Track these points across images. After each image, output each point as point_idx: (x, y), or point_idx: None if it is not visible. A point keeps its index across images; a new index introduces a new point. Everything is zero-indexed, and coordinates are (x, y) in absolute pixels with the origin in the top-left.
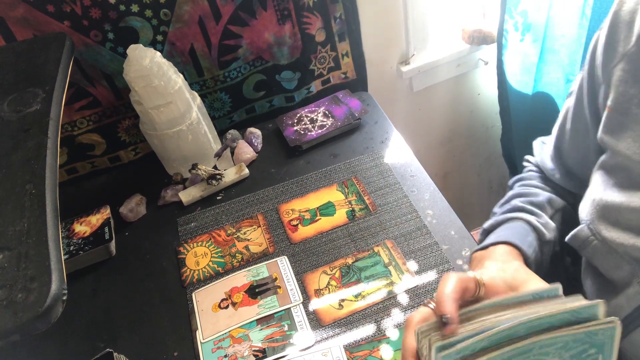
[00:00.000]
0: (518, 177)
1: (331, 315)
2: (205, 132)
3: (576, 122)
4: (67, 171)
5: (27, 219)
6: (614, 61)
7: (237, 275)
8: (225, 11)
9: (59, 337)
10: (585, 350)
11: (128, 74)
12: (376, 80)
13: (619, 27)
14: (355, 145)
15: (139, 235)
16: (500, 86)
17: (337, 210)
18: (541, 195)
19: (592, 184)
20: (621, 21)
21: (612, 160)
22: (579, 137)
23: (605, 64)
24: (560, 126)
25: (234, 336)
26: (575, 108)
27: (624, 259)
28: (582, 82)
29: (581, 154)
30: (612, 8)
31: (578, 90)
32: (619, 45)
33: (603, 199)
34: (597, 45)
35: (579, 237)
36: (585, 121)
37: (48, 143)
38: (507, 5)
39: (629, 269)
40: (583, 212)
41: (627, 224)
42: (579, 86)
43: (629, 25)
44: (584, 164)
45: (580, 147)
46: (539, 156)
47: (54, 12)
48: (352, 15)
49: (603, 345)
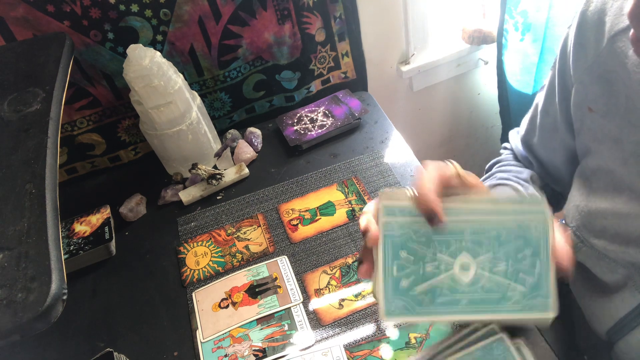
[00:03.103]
0: (497, 160)
1: (331, 314)
2: (205, 132)
3: (545, 117)
4: (67, 171)
5: (27, 219)
6: (587, 62)
7: (237, 275)
8: (225, 11)
9: (59, 337)
10: (521, 250)
11: (128, 73)
12: (376, 80)
13: (587, 27)
14: (355, 145)
15: (139, 235)
16: (500, 86)
17: (337, 210)
18: (524, 172)
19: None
20: (589, 21)
21: (592, 164)
22: (546, 133)
23: (576, 64)
24: (531, 120)
25: (234, 336)
26: (545, 104)
27: (618, 263)
28: (552, 79)
29: (549, 150)
30: (580, 7)
31: (549, 86)
32: (590, 46)
33: (588, 205)
34: (567, 44)
35: None
36: (555, 118)
37: (48, 143)
38: (507, 5)
39: (623, 272)
40: (568, 217)
41: (614, 230)
42: (549, 82)
43: (597, 25)
44: (553, 159)
45: (548, 143)
46: (514, 145)
47: (54, 12)
48: (352, 15)
49: (539, 245)
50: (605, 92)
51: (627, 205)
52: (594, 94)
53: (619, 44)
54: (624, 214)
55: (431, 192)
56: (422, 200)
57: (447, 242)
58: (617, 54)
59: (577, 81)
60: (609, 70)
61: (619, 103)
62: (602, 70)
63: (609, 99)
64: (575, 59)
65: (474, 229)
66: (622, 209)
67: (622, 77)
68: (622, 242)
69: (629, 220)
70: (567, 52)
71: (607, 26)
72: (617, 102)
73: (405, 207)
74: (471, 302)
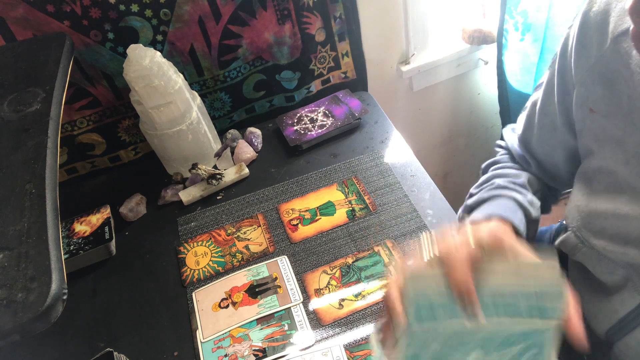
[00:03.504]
0: (492, 161)
1: (331, 314)
2: (205, 132)
3: (543, 117)
4: (67, 171)
5: (27, 219)
6: (589, 63)
7: (237, 275)
8: (225, 11)
9: (59, 337)
10: (527, 349)
11: (128, 73)
12: (376, 80)
13: (590, 28)
14: (355, 145)
15: (139, 235)
16: (500, 86)
17: (337, 210)
18: (521, 176)
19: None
20: (592, 22)
21: (594, 165)
22: (545, 132)
23: (578, 65)
24: (528, 118)
25: (234, 336)
26: (543, 103)
27: (617, 264)
28: (550, 80)
29: (548, 149)
30: (582, 8)
31: (547, 85)
32: (592, 47)
33: (588, 205)
34: (568, 45)
35: (568, 244)
36: (554, 117)
37: (48, 143)
38: (507, 5)
39: (623, 273)
40: (568, 217)
41: (614, 231)
42: (547, 82)
43: (600, 26)
44: (552, 158)
45: (546, 142)
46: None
47: (54, 12)
48: (352, 15)
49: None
50: (607, 93)
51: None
52: (596, 94)
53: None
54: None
55: (468, 279)
56: (460, 290)
57: (464, 343)
58: (621, 55)
59: (578, 82)
60: (612, 71)
61: (622, 103)
62: (605, 71)
63: (610, 100)
64: (577, 59)
65: (489, 331)
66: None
67: (625, 78)
68: (621, 243)
69: (629, 221)
70: (568, 53)
71: (611, 26)
72: (619, 102)
73: (435, 303)
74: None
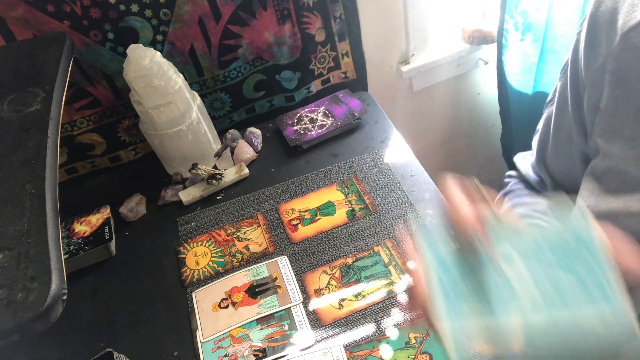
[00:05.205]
0: (506, 191)
1: (331, 314)
2: (205, 132)
3: (558, 132)
4: (67, 171)
5: (27, 219)
6: (598, 62)
7: (237, 275)
8: (225, 11)
9: (59, 337)
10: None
11: (128, 73)
12: (376, 80)
13: (598, 28)
14: (355, 145)
15: (139, 235)
16: (500, 86)
17: (337, 210)
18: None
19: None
20: (600, 22)
21: (603, 164)
22: (561, 148)
23: (588, 66)
24: (542, 136)
25: (234, 336)
26: (557, 118)
27: None
28: (563, 90)
29: (565, 165)
30: (589, 10)
31: (559, 97)
32: (601, 46)
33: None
34: (578, 48)
35: None
36: (569, 130)
37: (48, 143)
38: (507, 5)
39: None
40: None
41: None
42: (559, 93)
43: (609, 25)
44: (569, 174)
45: (563, 157)
46: (524, 170)
47: (53, 12)
48: (352, 15)
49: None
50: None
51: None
52: (605, 93)
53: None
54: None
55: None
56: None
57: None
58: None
59: (589, 84)
60: (622, 68)
61: (632, 100)
62: (614, 68)
63: (620, 97)
64: (587, 61)
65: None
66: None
67: (635, 73)
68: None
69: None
70: (579, 57)
71: (620, 23)
72: (629, 99)
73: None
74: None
